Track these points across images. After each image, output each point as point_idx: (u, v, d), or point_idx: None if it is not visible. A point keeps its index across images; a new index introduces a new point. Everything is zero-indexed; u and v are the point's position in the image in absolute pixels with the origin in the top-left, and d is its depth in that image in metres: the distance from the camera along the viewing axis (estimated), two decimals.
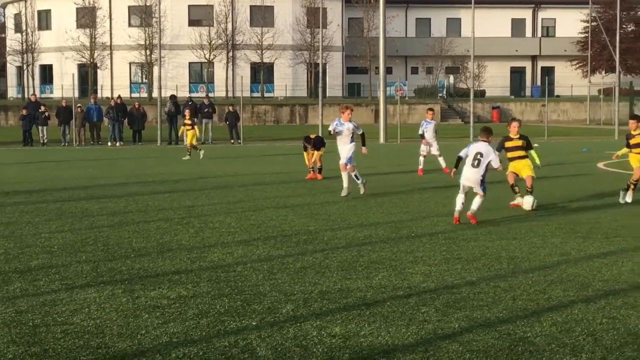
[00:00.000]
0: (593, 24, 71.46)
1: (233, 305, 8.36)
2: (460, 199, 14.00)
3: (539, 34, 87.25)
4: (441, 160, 23.89)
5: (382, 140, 43.90)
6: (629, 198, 16.68)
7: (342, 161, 18.02)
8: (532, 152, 16.62)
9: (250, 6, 73.12)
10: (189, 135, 30.58)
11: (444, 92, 74.55)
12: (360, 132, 18.20)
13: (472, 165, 13.95)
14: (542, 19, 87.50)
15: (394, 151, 36.07)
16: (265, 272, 9.97)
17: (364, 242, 12.14)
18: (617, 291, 9.00)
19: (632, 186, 16.89)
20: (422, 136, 24.01)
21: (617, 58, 47.99)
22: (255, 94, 72.32)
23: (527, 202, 15.34)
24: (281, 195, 18.47)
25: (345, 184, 17.96)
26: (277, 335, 7.30)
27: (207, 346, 6.99)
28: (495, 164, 14.01)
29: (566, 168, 25.76)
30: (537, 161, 16.73)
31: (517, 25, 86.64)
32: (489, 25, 79.62)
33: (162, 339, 7.18)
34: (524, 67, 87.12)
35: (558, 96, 77.11)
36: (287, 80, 73.77)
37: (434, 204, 16.63)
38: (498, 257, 10.94)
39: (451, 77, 77.84)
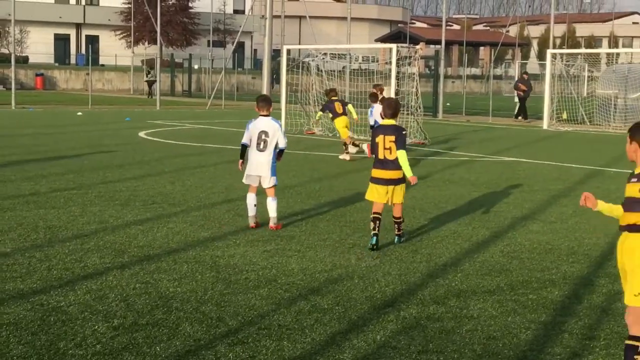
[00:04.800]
0: None
1: None
2: (251, 199, 11.08)
3: (83, 2, 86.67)
4: None
5: None
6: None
7: None
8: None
9: None
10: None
11: None
12: None
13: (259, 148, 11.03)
14: None
15: None
16: None
17: None
18: (152, 256, 9.29)
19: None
20: None
21: (158, 30, 49.09)
22: None
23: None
24: None
25: None
26: None
27: None
28: (282, 142, 11.04)
29: (110, 136, 25.68)
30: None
31: None
32: None
33: None
34: (69, 35, 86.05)
35: (103, 65, 77.21)
36: None
37: None
38: (35, 227, 10.74)
39: None
